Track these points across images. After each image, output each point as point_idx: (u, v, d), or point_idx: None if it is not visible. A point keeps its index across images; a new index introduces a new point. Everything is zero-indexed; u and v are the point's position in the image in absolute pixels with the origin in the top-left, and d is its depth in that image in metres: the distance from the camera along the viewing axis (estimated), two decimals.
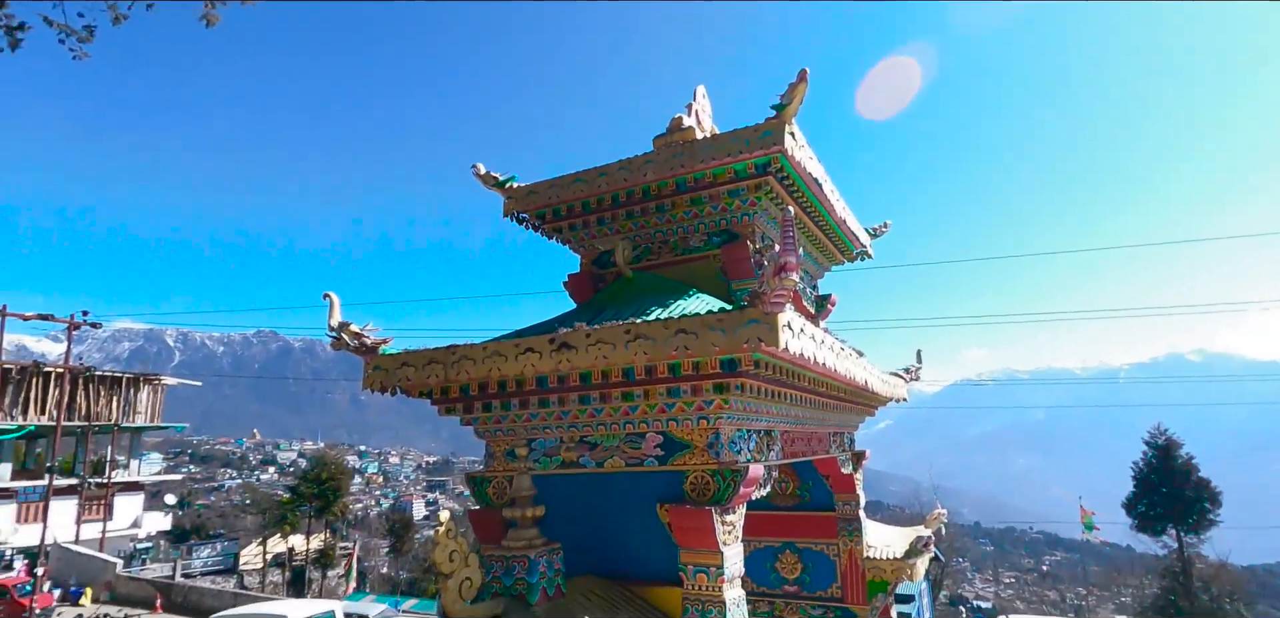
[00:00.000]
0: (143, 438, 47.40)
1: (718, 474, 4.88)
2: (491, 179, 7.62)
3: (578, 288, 7.49)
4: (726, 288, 6.43)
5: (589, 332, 4.69)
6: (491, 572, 4.44)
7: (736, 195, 6.43)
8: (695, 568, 4.79)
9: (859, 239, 8.49)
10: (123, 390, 44.29)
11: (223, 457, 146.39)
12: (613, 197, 6.96)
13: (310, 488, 38.65)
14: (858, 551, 8.09)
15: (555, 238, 7.76)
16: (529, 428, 5.68)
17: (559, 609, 4.27)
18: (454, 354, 5.37)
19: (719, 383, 4.71)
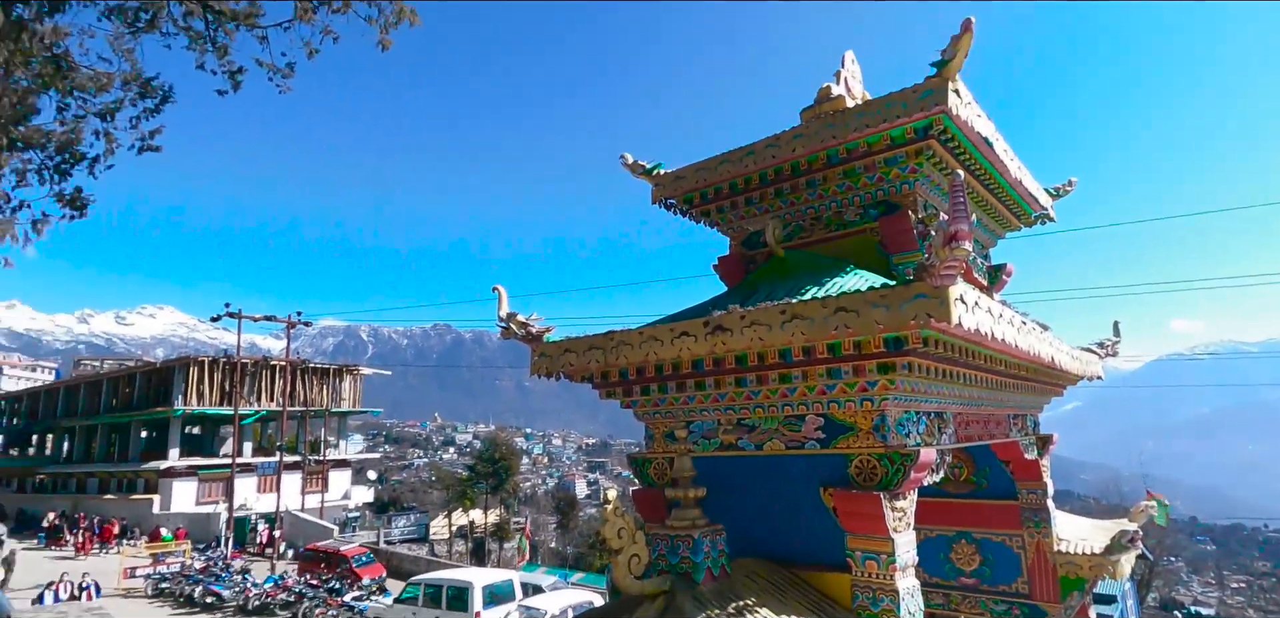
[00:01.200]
0: (348, 421, 54.25)
1: (885, 458, 4.66)
2: (639, 167, 7.78)
3: (728, 270, 7.46)
4: (887, 262, 6.10)
5: (743, 313, 4.67)
6: (657, 550, 4.58)
7: (894, 163, 6.06)
8: (864, 555, 4.62)
9: (1038, 201, 7.67)
10: (330, 380, 50.88)
11: (411, 438, 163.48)
12: (760, 175, 6.84)
13: (485, 467, 42.10)
14: (1047, 544, 7.36)
15: (703, 221, 7.77)
16: (686, 411, 5.77)
17: (725, 589, 4.31)
18: (612, 340, 5.57)
19: (883, 363, 4.48)
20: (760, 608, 4.20)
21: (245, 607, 22.33)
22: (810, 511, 5.05)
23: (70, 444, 53.69)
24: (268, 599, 22.22)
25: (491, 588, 17.51)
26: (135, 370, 49.82)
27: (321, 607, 20.44)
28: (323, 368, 51.42)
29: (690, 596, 4.14)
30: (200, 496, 42.21)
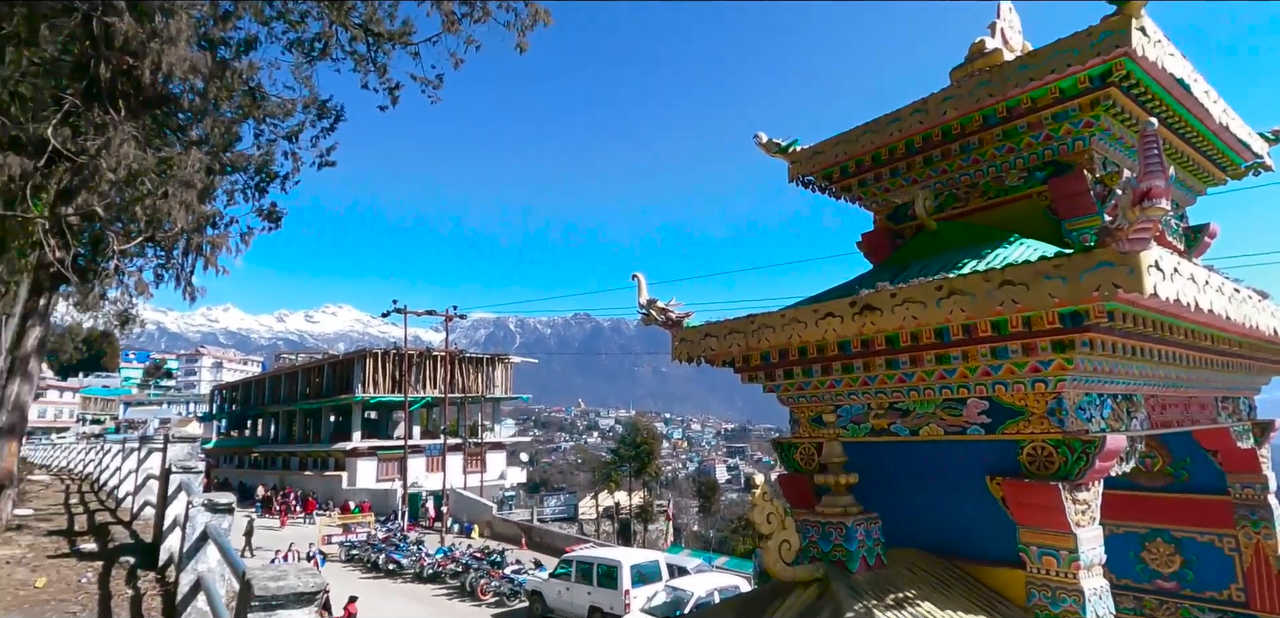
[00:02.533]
0: (500, 406, 58.00)
1: (1063, 445, 4.22)
2: (774, 146, 7.58)
3: (873, 247, 7.09)
4: (1057, 229, 5.51)
5: (894, 291, 4.41)
6: (807, 536, 4.47)
7: (1065, 118, 5.44)
8: (1040, 550, 4.22)
9: (1250, 148, 6.57)
10: (484, 368, 54.61)
11: (557, 422, 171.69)
12: (907, 143, 6.42)
13: (628, 451, 43.33)
14: (1270, 547, 6.33)
15: (844, 197, 7.44)
16: (834, 394, 5.57)
17: (882, 580, 4.12)
18: (753, 323, 5.50)
19: (1059, 340, 4.05)
20: (923, 602, 3.97)
21: (420, 574, 24.67)
22: (974, 500, 4.70)
23: (275, 427, 61.91)
24: (439, 569, 24.37)
25: (639, 568, 18.02)
26: (323, 363, 56.43)
27: (485, 578, 22.10)
28: (477, 357, 55.36)
29: (845, 584, 4.00)
30: (379, 473, 47.10)
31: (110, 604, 5.80)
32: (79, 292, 13.93)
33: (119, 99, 11.34)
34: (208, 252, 11.16)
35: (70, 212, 10.84)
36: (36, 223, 10.91)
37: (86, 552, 7.83)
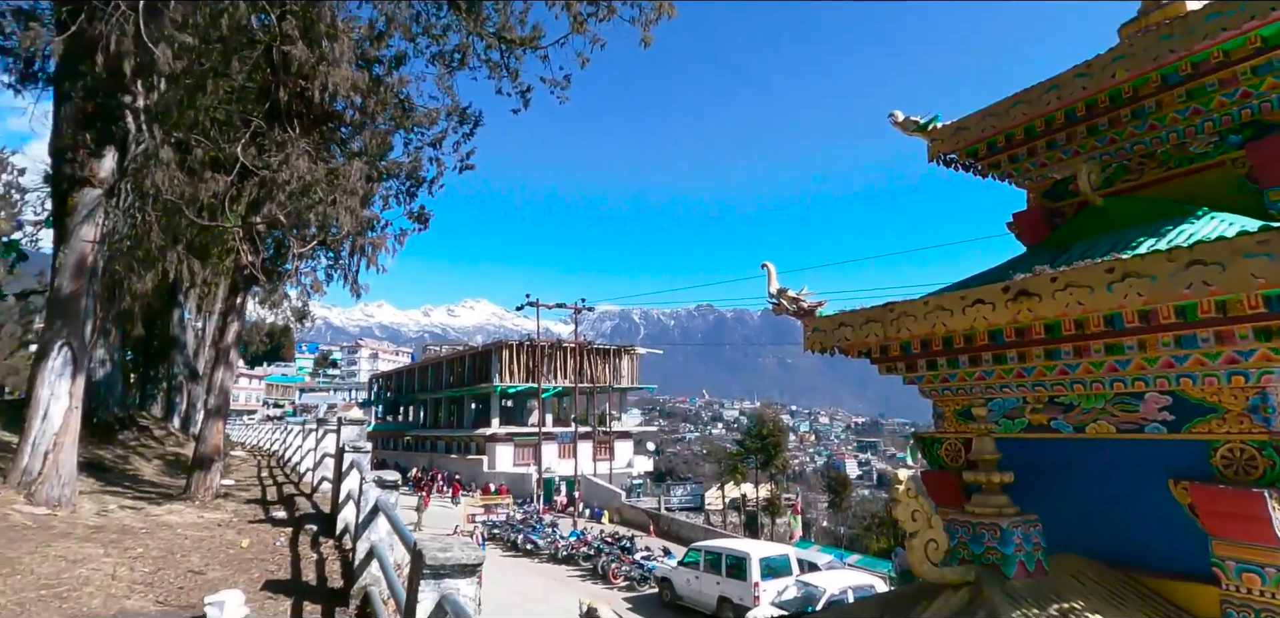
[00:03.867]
0: (627, 396, 59.35)
1: (1270, 447, 3.69)
2: (912, 124, 7.16)
3: (1027, 227, 6.53)
4: (1258, 200, 4.81)
5: (1056, 275, 4.05)
6: (956, 537, 4.22)
7: (1269, 70, 4.72)
8: (1238, 566, 3.72)
9: None
10: (611, 359, 56.07)
11: (681, 413, 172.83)
12: (1067, 112, 5.83)
13: (754, 443, 42.84)
14: None
15: (992, 175, 6.89)
16: (983, 387, 5.20)
17: (1043, 588, 3.81)
18: (892, 311, 5.25)
19: (1265, 327, 3.54)
20: (1092, 616, 3.63)
21: (555, 555, 25.86)
22: (1152, 505, 4.22)
23: (424, 413, 67.15)
24: (572, 551, 25.42)
25: (768, 561, 17.81)
26: (464, 354, 60.46)
27: (616, 562, 22.77)
28: (604, 348, 56.96)
29: (1000, 589, 3.74)
30: (516, 458, 49.80)
31: (299, 564, 6.60)
32: (265, 291, 15.88)
33: (294, 118, 12.77)
34: (370, 252, 12.30)
35: (258, 221, 12.35)
36: (233, 231, 12.56)
37: (278, 519, 8.94)
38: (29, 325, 34.88)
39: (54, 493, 7.88)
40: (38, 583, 5.03)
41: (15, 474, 7.88)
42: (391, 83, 15.12)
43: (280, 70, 12.44)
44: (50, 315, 9.26)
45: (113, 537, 6.73)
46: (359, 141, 14.88)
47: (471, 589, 3.62)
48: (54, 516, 7.26)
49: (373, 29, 14.81)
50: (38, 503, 7.56)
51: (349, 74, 12.49)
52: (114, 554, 6.07)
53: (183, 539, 7.12)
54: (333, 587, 6.12)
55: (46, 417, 8.15)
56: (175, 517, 8.41)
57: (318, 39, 12.00)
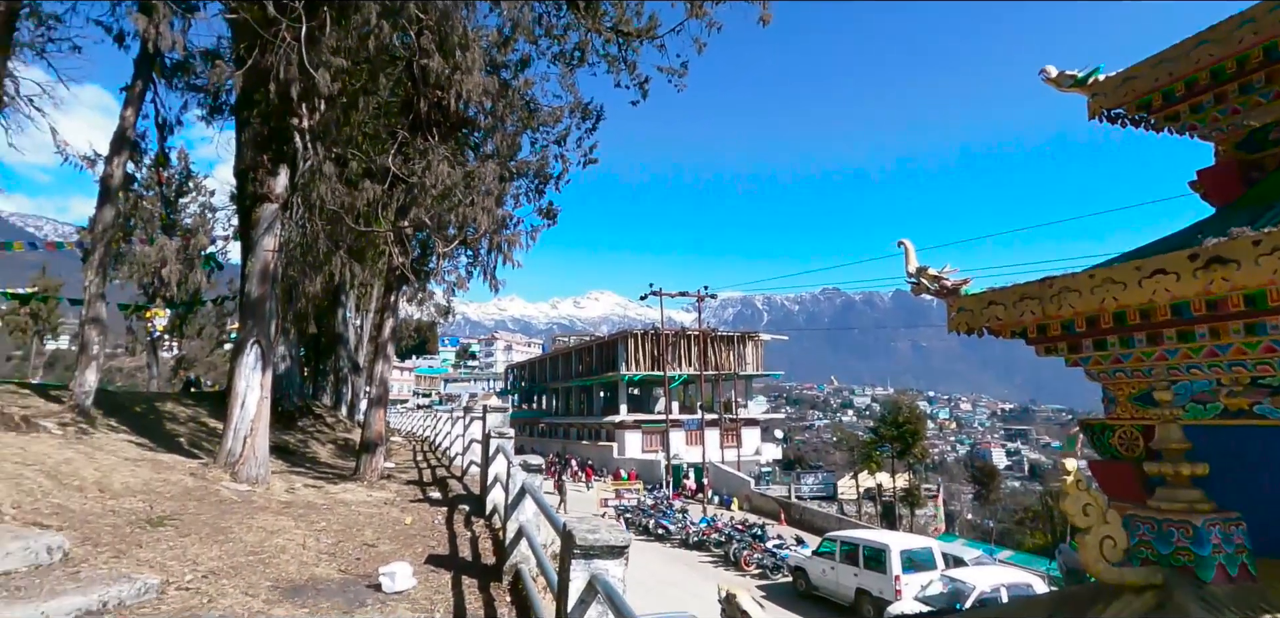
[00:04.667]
0: (752, 384, 58.67)
1: None
2: (1068, 79, 6.49)
3: (1217, 185, 5.73)
4: None
5: (1259, 237, 3.52)
6: (1138, 535, 3.81)
7: None
8: None
9: None
10: (735, 346, 55.62)
11: (809, 400, 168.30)
12: (1265, 49, 5.05)
13: (889, 431, 40.88)
14: None
15: (1169, 129, 6.10)
16: (1165, 368, 4.64)
17: (1251, 596, 3.35)
18: (1052, 287, 4.80)
19: None
20: None
21: (686, 541, 26.13)
22: None
23: (556, 401, 70.07)
24: (703, 537, 25.57)
25: (910, 553, 16.97)
26: (591, 344, 62.36)
27: (747, 550, 22.64)
28: (728, 335, 56.59)
29: (1195, 595, 3.33)
30: (644, 445, 50.79)
31: (456, 541, 7.14)
32: (413, 289, 17.24)
33: (433, 127, 13.70)
34: (505, 249, 12.99)
35: (406, 224, 13.39)
36: (385, 235, 13.71)
37: (434, 499, 9.71)
38: (223, 326, 40.15)
39: (252, 472, 9.04)
40: (246, 549, 5.81)
41: (222, 455, 9.13)
42: (518, 85, 15.80)
43: (420, 83, 13.40)
44: (242, 317, 10.59)
45: (300, 511, 7.62)
46: (491, 144, 15.68)
47: (619, 570, 3.74)
48: (253, 491, 8.34)
49: (500, 35, 15.53)
50: (240, 481, 8.72)
51: (480, 81, 13.19)
52: (302, 527, 6.88)
53: (356, 515, 7.92)
54: (486, 563, 6.56)
55: (244, 406, 9.36)
56: (349, 495, 9.38)
57: (451, 50, 12.77)
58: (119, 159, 12.93)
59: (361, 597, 5.24)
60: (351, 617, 4.84)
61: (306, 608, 4.83)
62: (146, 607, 4.25)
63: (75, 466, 6.95)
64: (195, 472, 8.51)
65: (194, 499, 7.13)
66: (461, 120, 14.73)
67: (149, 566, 4.88)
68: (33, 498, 5.67)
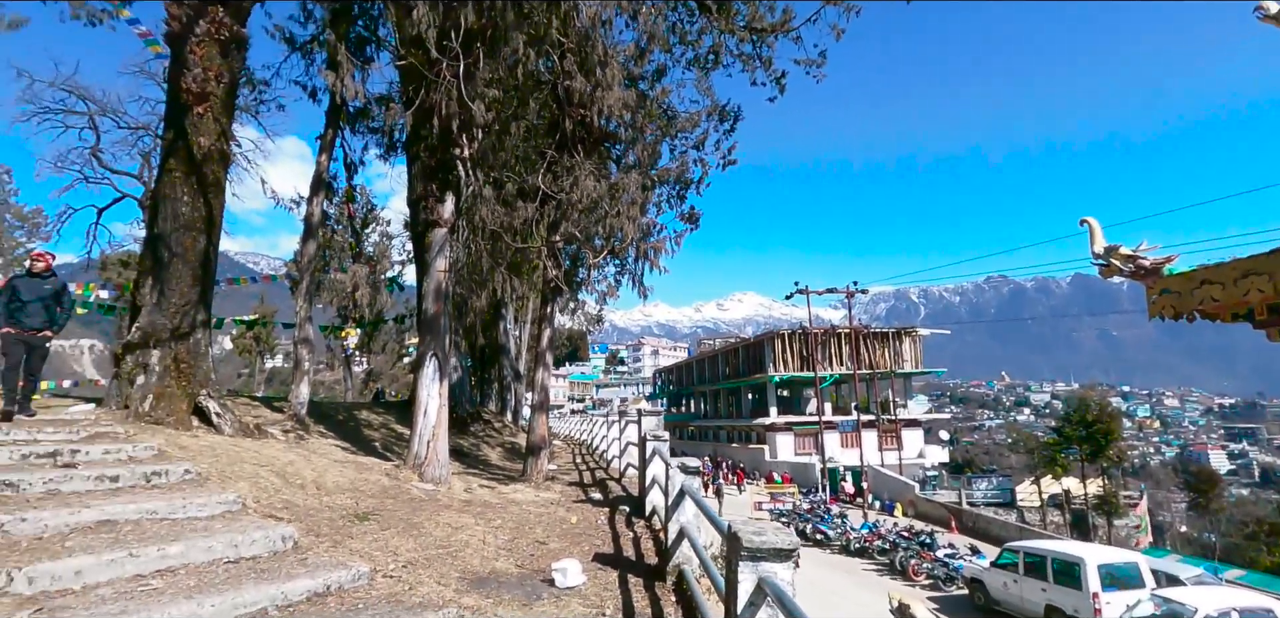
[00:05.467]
0: (911, 382, 55.19)
1: None
2: None
3: None
4: None
5: None
6: None
7: None
8: None
9: None
10: (890, 343, 52.66)
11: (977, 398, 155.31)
12: None
13: (1075, 431, 36.63)
14: None
15: None
16: None
17: None
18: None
19: None
20: None
21: (846, 547, 25.06)
22: None
23: (704, 404, 70.27)
24: (865, 544, 24.39)
25: (1110, 568, 15.03)
26: (737, 346, 61.86)
27: (915, 558, 21.27)
28: (882, 332, 53.69)
29: None
30: (796, 447, 49.47)
31: (619, 541, 7.36)
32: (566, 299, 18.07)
33: (578, 144, 14.29)
34: (652, 256, 13.25)
35: (557, 238, 14.07)
36: (539, 250, 14.50)
37: (595, 500, 10.09)
38: (402, 342, 44.51)
39: (435, 473, 9.92)
40: (435, 543, 6.37)
41: (410, 458, 10.11)
42: (655, 95, 16.07)
43: (564, 103, 14.04)
44: (421, 332, 11.66)
45: (478, 510, 8.24)
46: (632, 155, 16.08)
47: (788, 574, 3.65)
48: (437, 491, 9.14)
49: (637, 48, 15.91)
50: (426, 481, 9.60)
51: (619, 95, 13.59)
52: (481, 524, 7.43)
53: (527, 514, 8.42)
54: (649, 563, 6.68)
55: (426, 414, 10.30)
56: (518, 495, 9.99)
57: (592, 69, 13.26)
58: (317, 199, 14.79)
59: (537, 591, 5.54)
60: (530, 608, 5.13)
61: (491, 599, 5.19)
62: (360, 591, 4.78)
63: (297, 466, 8.01)
64: (389, 473, 9.48)
65: (390, 497, 7.94)
66: (603, 135, 15.25)
67: (359, 555, 5.49)
68: (267, 494, 6.60)
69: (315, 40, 16.38)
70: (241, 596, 4.25)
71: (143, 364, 9.38)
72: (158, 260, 9.95)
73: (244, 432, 9.61)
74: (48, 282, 8.12)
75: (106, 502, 5.46)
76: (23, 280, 8.00)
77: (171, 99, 10.82)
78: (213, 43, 10.73)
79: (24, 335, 7.78)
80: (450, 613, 4.56)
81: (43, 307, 7.96)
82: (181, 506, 5.68)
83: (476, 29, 11.61)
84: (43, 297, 7.97)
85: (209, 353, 10.25)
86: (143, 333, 9.54)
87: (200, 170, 10.44)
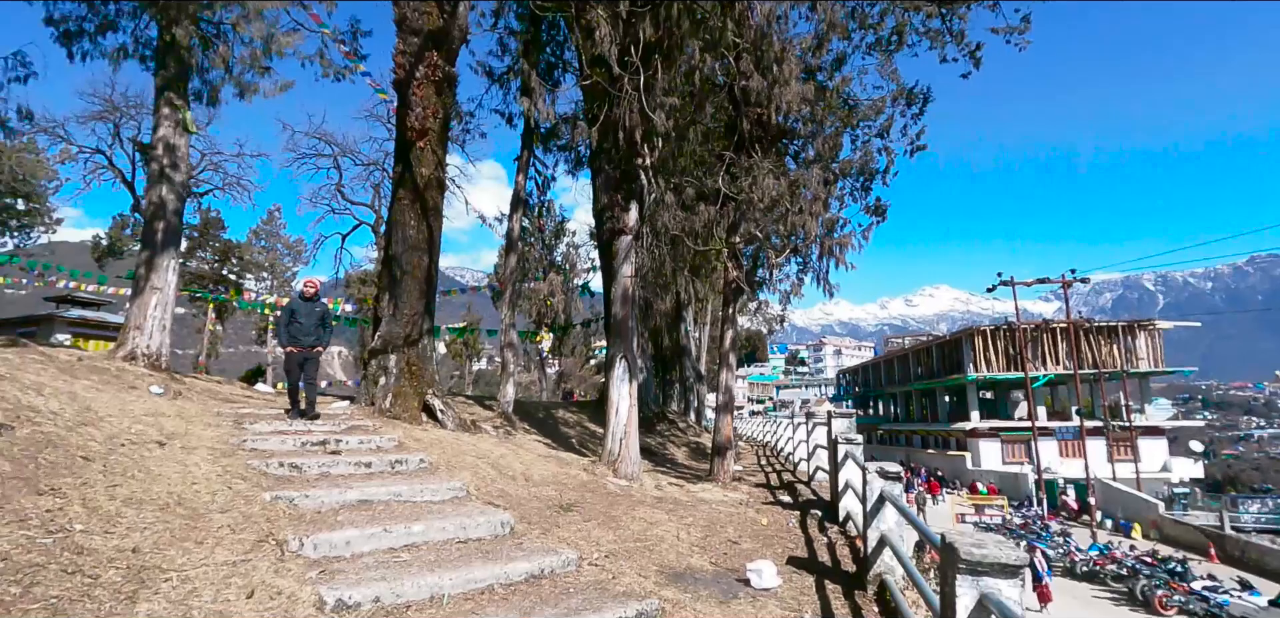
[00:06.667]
0: (1149, 383, 47.41)
1: None
2: None
3: None
4: None
5: None
6: None
7: None
8: None
9: None
10: (1119, 338, 45.72)
11: (1240, 403, 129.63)
12: None
13: None
14: None
15: None
16: None
17: None
18: None
19: None
20: None
21: (1071, 570, 22.14)
22: None
23: (894, 407, 66.05)
24: (1095, 567, 21.40)
25: None
26: (929, 344, 57.32)
27: (1164, 589, 18.21)
28: (1109, 326, 46.75)
29: None
30: (1004, 456, 44.71)
31: (813, 545, 7.17)
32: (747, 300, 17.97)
33: (755, 143, 14.16)
34: (837, 252, 12.77)
35: (737, 239, 14.05)
36: (719, 252, 14.58)
37: (784, 503, 9.91)
38: (589, 345, 47.08)
39: (627, 470, 10.37)
40: (632, 537, 6.66)
41: (605, 455, 10.67)
42: (834, 85, 15.49)
43: (740, 103, 14.00)
44: (609, 336, 12.26)
45: (669, 507, 8.47)
46: (811, 149, 15.62)
47: (1015, 592, 3.31)
48: (630, 487, 9.55)
49: (815, 38, 15.42)
50: (620, 477, 10.07)
51: (797, 89, 13.27)
52: (673, 521, 7.63)
53: (717, 513, 8.50)
54: (846, 570, 6.43)
55: (618, 413, 10.81)
56: (706, 494, 10.12)
57: (768, 66, 13.08)
58: (516, 216, 16.15)
59: (733, 589, 5.57)
60: (728, 606, 5.17)
61: (689, 593, 5.31)
62: (570, 577, 5.14)
63: (507, 460, 8.81)
64: (586, 468, 10.08)
65: (588, 491, 8.44)
66: (781, 131, 14.97)
67: (567, 543, 5.91)
68: (485, 483, 7.33)
69: (510, 71, 17.92)
70: (472, 573, 4.77)
71: (383, 368, 10.89)
72: (392, 278, 11.49)
73: (463, 427, 10.76)
74: (318, 304, 9.59)
75: (364, 484, 6.40)
76: (299, 303, 9.49)
77: (399, 136, 12.46)
78: (429, 84, 12.19)
79: (301, 351, 9.22)
80: (652, 604, 4.73)
81: (314, 325, 9.39)
82: (419, 490, 6.50)
83: (654, 41, 11.98)
84: (314, 316, 9.41)
85: (433, 357, 11.63)
86: (383, 341, 11.07)
87: (422, 197, 11.90)
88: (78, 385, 7.53)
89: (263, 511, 5.23)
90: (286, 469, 6.53)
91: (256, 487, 5.73)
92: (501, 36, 18.18)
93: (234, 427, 7.70)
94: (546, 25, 16.75)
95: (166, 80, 12.29)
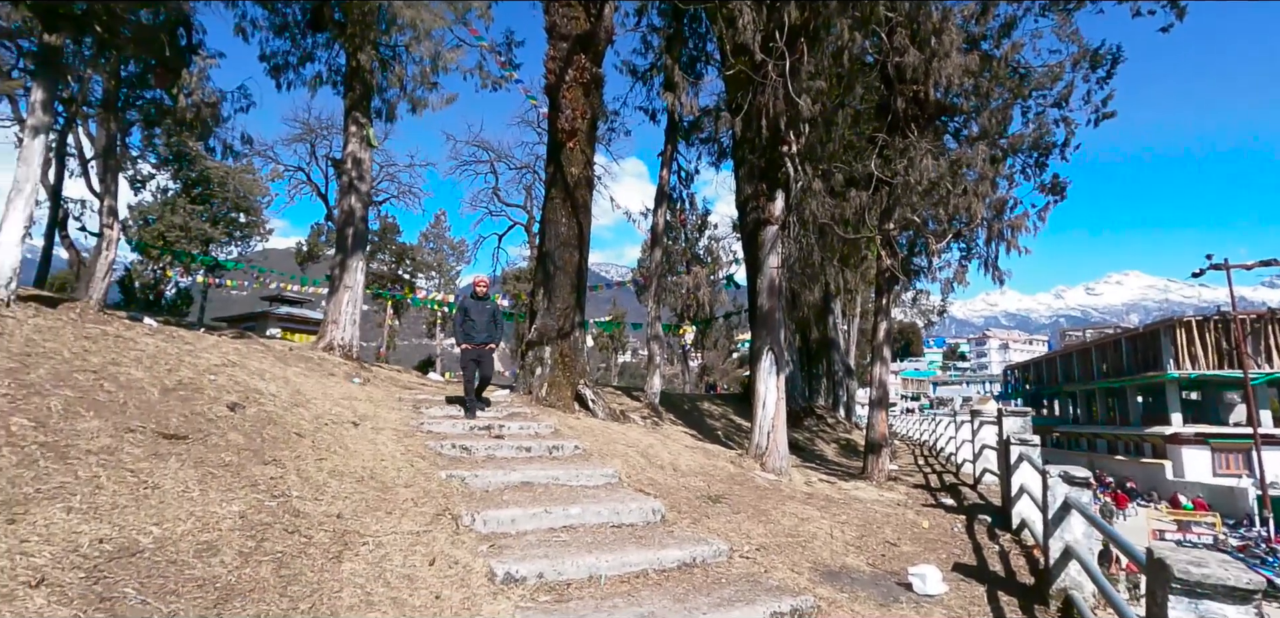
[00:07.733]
0: None
1: None
2: None
3: None
4: None
5: None
6: None
7: None
8: None
9: None
10: None
11: None
12: None
13: None
14: None
15: None
16: None
17: None
18: None
19: None
20: None
21: None
22: None
23: (1073, 407, 59.31)
24: None
25: None
26: (1117, 337, 50.74)
27: None
28: None
29: None
30: (1214, 466, 38.63)
31: (982, 553, 6.62)
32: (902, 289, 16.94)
33: (911, 123, 13.27)
34: (1009, 235, 11.70)
35: (892, 225, 13.28)
36: (872, 239, 13.86)
37: (947, 505, 9.24)
38: (732, 338, 46.74)
39: (775, 464, 10.18)
40: (783, 532, 6.53)
41: (752, 448, 10.55)
42: (1002, 54, 14.17)
43: (893, 82, 13.19)
44: (755, 328, 12.08)
45: (821, 504, 8.20)
46: (975, 125, 14.42)
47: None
48: (779, 481, 9.37)
49: (980, 3, 14.18)
50: (768, 471, 9.91)
51: (959, 61, 12.30)
52: (826, 518, 7.38)
53: (872, 512, 8.11)
54: (1021, 581, 5.88)
55: (765, 406, 10.64)
56: (860, 493, 9.68)
57: (926, 39, 12.22)
58: (661, 210, 16.37)
59: (894, 594, 5.29)
60: (888, 610, 4.92)
61: (846, 593, 5.12)
62: (721, 567, 5.14)
63: (655, 449, 8.98)
64: (733, 460, 10.03)
65: (736, 483, 8.39)
66: (940, 108, 13.92)
67: (717, 534, 5.91)
68: (635, 471, 7.52)
69: (653, 67, 18.18)
70: (626, 557, 4.91)
71: (539, 358, 11.51)
72: (546, 273, 12.11)
73: (612, 416, 11.12)
74: (488, 302, 9.95)
75: (525, 467, 6.82)
76: (472, 303, 9.77)
77: (551, 138, 13.07)
78: (578, 86, 12.67)
79: (475, 349, 9.50)
80: (807, 601, 4.61)
81: (486, 322, 9.65)
82: (574, 475, 6.80)
83: (799, 23, 11.61)
84: (485, 314, 9.69)
85: (584, 349, 12.12)
86: (538, 333, 11.71)
87: (572, 196, 12.41)
88: (289, 372, 8.67)
89: (439, 487, 5.74)
90: (458, 451, 7.11)
91: (433, 465, 6.29)
92: (644, 34, 18.49)
93: (413, 411, 8.50)
94: (688, 19, 16.79)
95: (353, 101, 13.77)
